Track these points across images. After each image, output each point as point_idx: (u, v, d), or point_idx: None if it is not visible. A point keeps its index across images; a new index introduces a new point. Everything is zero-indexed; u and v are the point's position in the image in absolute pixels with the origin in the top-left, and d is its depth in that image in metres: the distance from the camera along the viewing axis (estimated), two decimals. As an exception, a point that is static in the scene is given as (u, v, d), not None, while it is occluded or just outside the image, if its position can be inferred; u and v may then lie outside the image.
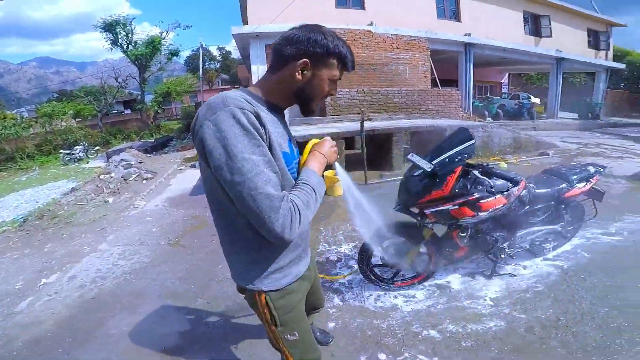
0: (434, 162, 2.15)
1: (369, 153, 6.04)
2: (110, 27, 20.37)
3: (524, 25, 14.73)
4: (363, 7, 10.88)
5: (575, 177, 2.78)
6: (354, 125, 6.65)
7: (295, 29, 1.01)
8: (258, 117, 0.90)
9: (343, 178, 1.25)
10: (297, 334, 1.16)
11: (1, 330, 2.52)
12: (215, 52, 45.91)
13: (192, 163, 8.21)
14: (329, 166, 1.12)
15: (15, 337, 2.41)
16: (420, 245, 2.47)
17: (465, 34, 12.02)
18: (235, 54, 49.02)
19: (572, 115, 16.77)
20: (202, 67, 23.17)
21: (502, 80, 20.91)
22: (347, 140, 6.86)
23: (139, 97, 24.34)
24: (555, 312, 2.30)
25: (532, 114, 14.42)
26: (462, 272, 2.87)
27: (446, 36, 11.44)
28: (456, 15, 12.96)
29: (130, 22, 21.06)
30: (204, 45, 25.39)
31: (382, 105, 9.13)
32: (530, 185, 2.62)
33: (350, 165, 6.29)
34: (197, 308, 2.65)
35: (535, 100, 16.01)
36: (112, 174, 7.10)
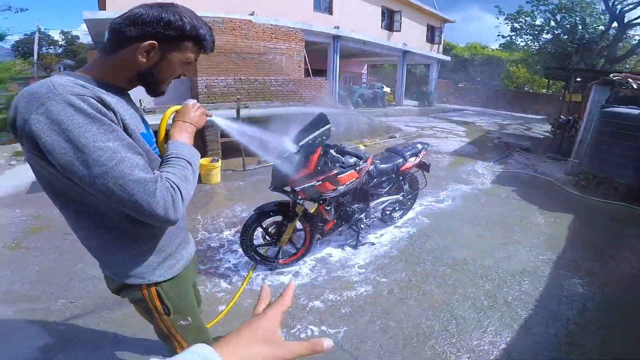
0: (300, 144, 2.40)
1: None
2: None
3: (381, 20, 16.28)
4: None
5: (408, 153, 3.49)
6: (230, 113, 6.53)
7: (143, 6, 0.87)
8: (101, 100, 0.79)
9: (225, 124, 1.22)
10: (189, 319, 1.15)
11: None
12: (57, 36, 40.62)
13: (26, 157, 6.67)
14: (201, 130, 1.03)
15: None
16: (295, 221, 2.72)
17: (335, 27, 12.77)
18: (85, 39, 43.42)
19: (414, 102, 19.78)
20: (38, 53, 18.92)
21: (362, 71, 23.18)
22: (223, 129, 6.70)
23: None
24: (407, 274, 2.85)
25: (384, 102, 16.62)
26: (334, 244, 3.29)
27: (319, 28, 11.96)
28: (329, 9, 13.65)
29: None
30: (42, 30, 20.82)
31: (259, 93, 9.17)
32: (376, 161, 3.20)
33: (228, 152, 6.22)
34: (59, 309, 2.37)
35: (387, 89, 18.66)
36: None
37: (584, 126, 6.38)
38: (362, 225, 3.18)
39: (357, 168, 2.80)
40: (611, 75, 6.57)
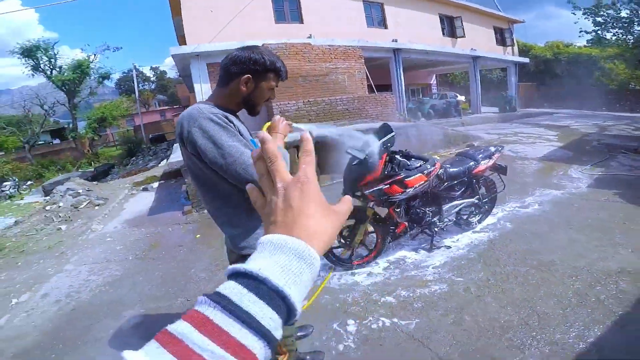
0: (367, 151, 2.65)
1: (320, 158, 6.46)
2: (30, 52, 18.85)
3: (442, 28, 15.91)
4: (301, 21, 11.44)
5: (480, 156, 3.44)
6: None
7: (238, 50, 1.27)
8: (226, 117, 1.21)
9: (309, 127, 1.53)
10: None
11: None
12: (148, 72, 45.25)
13: (144, 186, 8.04)
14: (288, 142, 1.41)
15: (2, 351, 2.48)
16: (367, 224, 2.92)
17: (392, 40, 12.97)
18: (171, 74, 48.29)
19: (494, 109, 18.57)
20: (137, 89, 22.31)
21: (431, 82, 22.64)
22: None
23: (71, 125, 22.69)
24: (485, 274, 2.83)
25: (459, 111, 15.92)
26: (408, 248, 3.38)
27: (376, 43, 12.30)
28: (383, 23, 13.87)
29: (53, 45, 19.68)
30: (137, 67, 24.57)
31: (327, 113, 9.70)
32: (446, 165, 3.24)
33: None
34: (179, 306, 2.88)
35: (461, 98, 17.88)
36: (60, 204, 6.74)
37: None
38: (435, 229, 3.22)
39: (425, 171, 2.91)
40: None
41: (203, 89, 9.41)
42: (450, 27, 16.27)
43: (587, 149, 8.07)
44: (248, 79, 1.25)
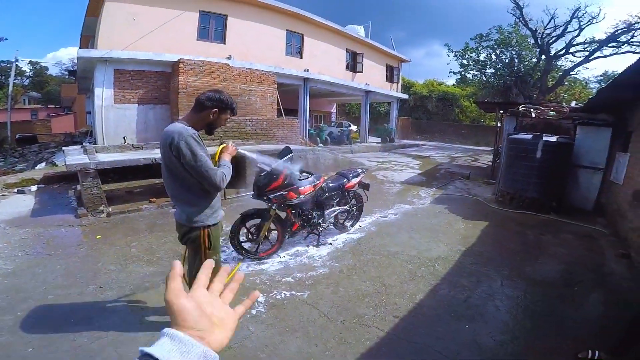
0: (272, 166, 3.56)
1: (240, 174, 7.08)
2: None
3: (346, 62, 17.57)
4: (223, 42, 11.63)
5: (351, 175, 4.73)
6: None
7: (211, 91, 2.04)
8: (198, 136, 1.96)
9: (247, 152, 2.43)
10: (217, 257, 2.19)
11: None
12: (26, 67, 38.03)
13: (18, 189, 7.20)
14: (234, 157, 2.21)
15: None
16: (269, 222, 3.80)
17: (305, 70, 14.14)
18: (53, 71, 41.58)
19: (377, 139, 21.04)
20: (12, 83, 19.06)
21: (332, 110, 24.77)
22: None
23: None
24: (354, 261, 3.95)
25: (350, 140, 17.94)
26: (302, 245, 4.36)
27: (291, 72, 13.32)
28: (300, 52, 14.84)
29: None
30: (18, 60, 20.95)
31: (236, 132, 10.23)
32: (328, 180, 4.42)
33: None
34: (92, 292, 3.13)
35: (353, 127, 20.38)
36: None
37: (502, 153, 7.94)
38: (320, 229, 4.31)
39: (313, 184, 4.01)
40: (519, 106, 8.23)
41: (105, 93, 8.97)
42: (353, 62, 18.05)
43: (436, 175, 10.63)
44: (215, 112, 2.02)
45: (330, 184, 4.40)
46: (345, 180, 4.63)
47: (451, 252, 4.35)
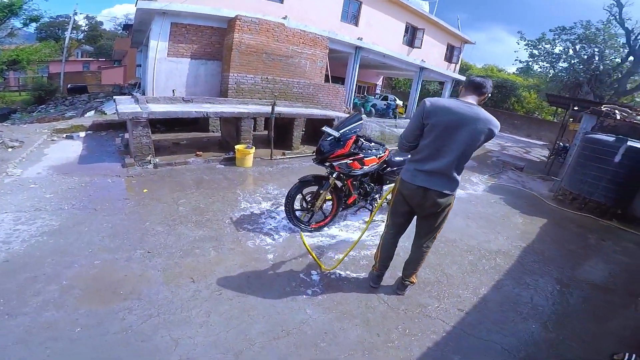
0: (340, 131, 3.34)
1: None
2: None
3: (404, 36, 16.47)
4: (281, 1, 11.18)
5: None
6: (260, 108, 7.44)
7: (484, 77, 2.30)
8: None
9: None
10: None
11: None
12: (82, 21, 39.94)
13: (67, 134, 7.46)
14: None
15: None
16: (328, 190, 3.57)
17: (358, 38, 13.53)
18: (107, 26, 43.18)
19: None
20: (69, 36, 19.88)
21: (378, 82, 24.06)
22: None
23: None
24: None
25: (396, 114, 17.50)
26: (354, 219, 4.20)
27: (344, 38, 12.80)
28: (356, 20, 14.12)
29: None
30: (78, 13, 21.79)
31: (282, 93, 10.07)
32: (392, 154, 4.08)
33: (256, 143, 6.98)
34: (139, 257, 2.89)
35: (399, 102, 19.58)
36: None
37: (572, 151, 7.23)
38: (375, 204, 4.06)
39: (378, 155, 3.72)
40: (602, 106, 7.41)
41: (159, 46, 8.92)
42: (411, 36, 16.96)
43: (488, 163, 9.98)
44: (487, 96, 2.29)
45: (395, 158, 4.07)
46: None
47: (511, 247, 4.05)
